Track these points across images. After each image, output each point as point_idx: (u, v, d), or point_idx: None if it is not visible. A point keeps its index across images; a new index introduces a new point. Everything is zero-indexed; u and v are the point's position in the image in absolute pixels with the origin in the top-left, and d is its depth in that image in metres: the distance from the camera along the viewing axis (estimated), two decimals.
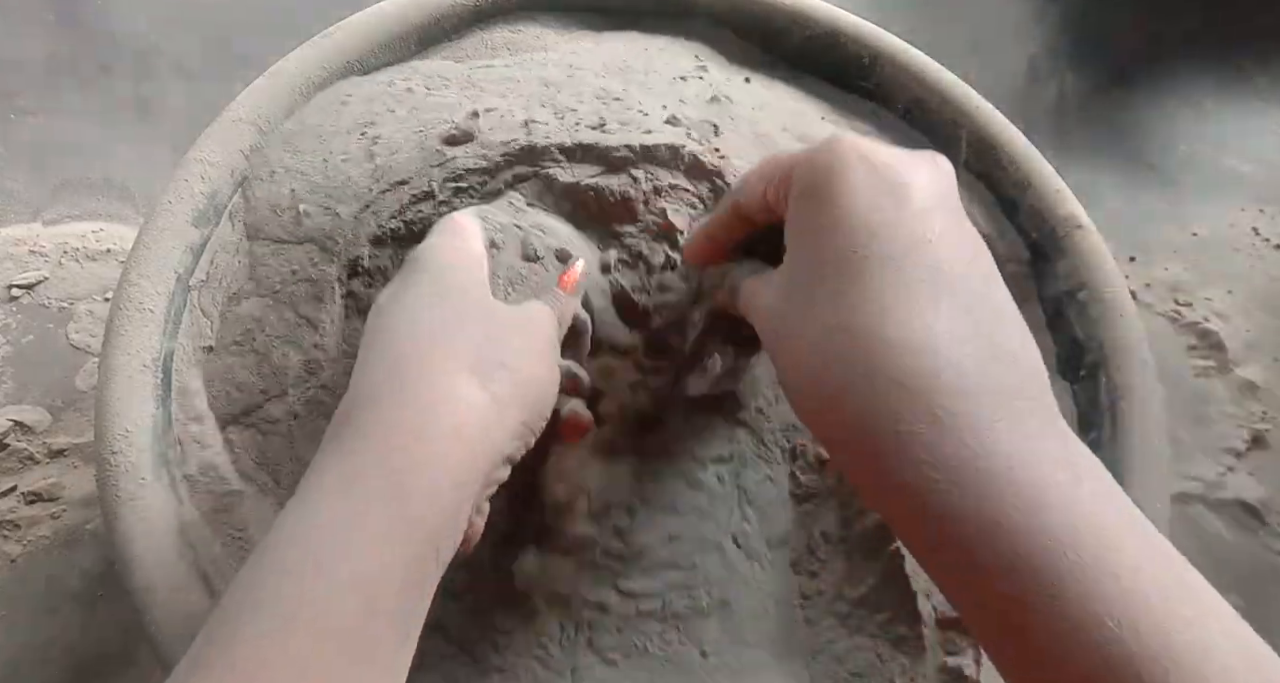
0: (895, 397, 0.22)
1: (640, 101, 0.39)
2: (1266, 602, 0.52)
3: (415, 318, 0.27)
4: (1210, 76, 0.73)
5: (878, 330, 0.23)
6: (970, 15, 0.73)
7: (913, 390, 0.22)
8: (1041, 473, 0.21)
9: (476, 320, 0.28)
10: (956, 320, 0.23)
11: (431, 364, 0.26)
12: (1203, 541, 0.54)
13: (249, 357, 0.36)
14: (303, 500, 0.24)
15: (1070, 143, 0.68)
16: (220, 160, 0.38)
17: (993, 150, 0.45)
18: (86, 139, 0.57)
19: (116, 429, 0.32)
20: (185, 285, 0.36)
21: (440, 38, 0.45)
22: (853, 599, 0.35)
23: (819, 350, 0.24)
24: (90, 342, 0.50)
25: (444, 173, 0.36)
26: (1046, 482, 0.21)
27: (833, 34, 0.46)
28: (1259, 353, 0.60)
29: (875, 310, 0.23)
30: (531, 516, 0.33)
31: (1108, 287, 0.41)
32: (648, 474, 0.34)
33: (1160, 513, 0.37)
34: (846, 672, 0.34)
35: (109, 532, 0.31)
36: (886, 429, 0.22)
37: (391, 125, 0.40)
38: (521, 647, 0.32)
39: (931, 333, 0.22)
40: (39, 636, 0.43)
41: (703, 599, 0.33)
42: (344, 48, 0.42)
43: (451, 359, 0.26)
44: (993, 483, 0.21)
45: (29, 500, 0.46)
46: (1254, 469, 0.56)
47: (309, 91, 0.41)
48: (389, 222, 0.36)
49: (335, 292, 0.36)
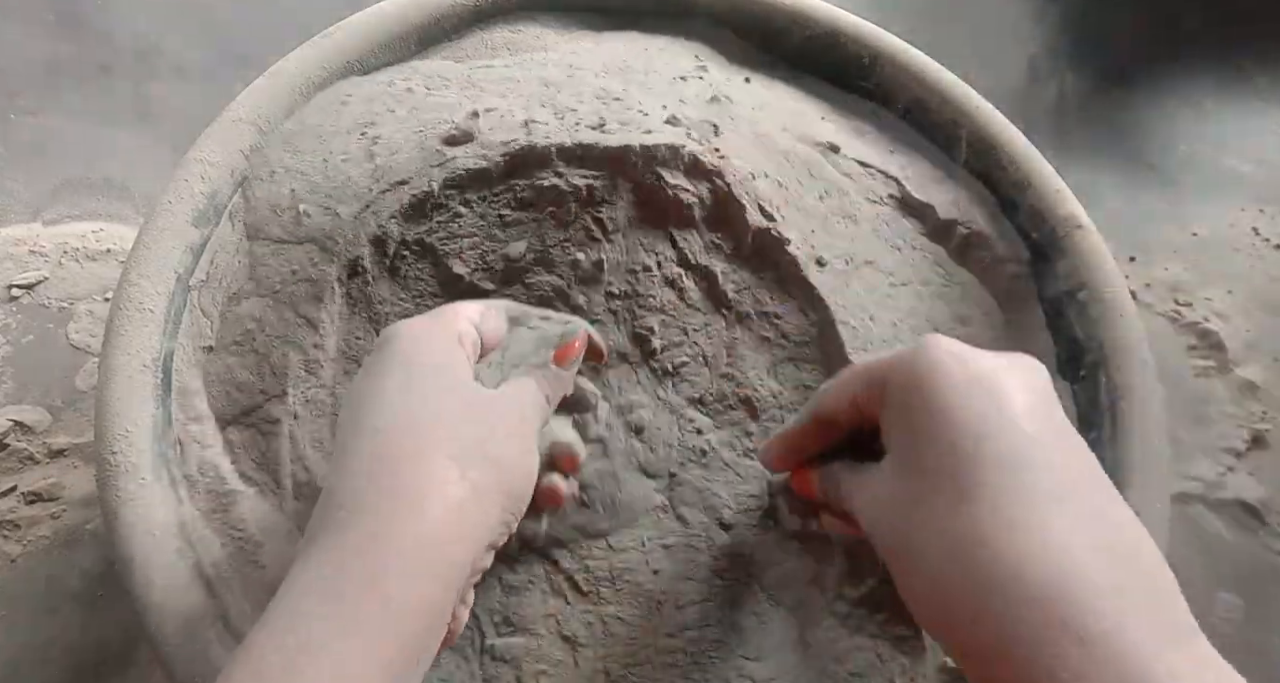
0: (1034, 614, 0.21)
1: (640, 101, 0.39)
2: (1266, 602, 0.52)
3: (390, 406, 0.26)
4: (1210, 76, 0.73)
5: (1006, 541, 0.22)
6: (970, 15, 0.73)
7: (1050, 605, 0.21)
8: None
9: (453, 406, 0.27)
10: (1083, 526, 0.22)
11: (409, 459, 0.25)
12: (1203, 541, 0.54)
13: (249, 357, 0.36)
14: (284, 601, 0.23)
15: (1070, 143, 0.68)
16: (220, 160, 0.38)
17: (993, 150, 0.45)
18: (86, 139, 0.57)
19: (116, 429, 0.32)
20: (185, 285, 0.36)
21: (440, 38, 0.45)
22: (853, 599, 0.35)
23: (946, 565, 0.23)
24: (90, 342, 0.50)
25: (444, 173, 0.36)
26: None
27: (833, 34, 0.46)
28: (1259, 353, 0.60)
29: (1003, 521, 0.22)
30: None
31: (1108, 287, 0.41)
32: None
33: (1160, 513, 0.37)
34: (846, 672, 0.34)
35: (109, 532, 0.31)
36: (1026, 655, 0.21)
37: (391, 125, 0.40)
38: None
39: (1064, 542, 0.22)
40: (39, 636, 0.43)
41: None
42: (344, 48, 0.42)
43: (429, 449, 0.26)
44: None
45: (29, 500, 0.46)
46: (1254, 469, 0.56)
47: (309, 91, 0.41)
48: (389, 222, 0.36)
49: (335, 292, 0.36)
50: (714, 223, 0.37)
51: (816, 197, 0.41)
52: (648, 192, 0.36)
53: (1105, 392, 0.40)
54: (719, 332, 0.37)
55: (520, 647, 0.33)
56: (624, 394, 0.36)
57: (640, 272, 0.36)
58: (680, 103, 0.41)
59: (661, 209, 0.36)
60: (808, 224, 0.39)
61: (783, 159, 0.41)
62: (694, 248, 0.37)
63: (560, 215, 0.36)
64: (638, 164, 0.36)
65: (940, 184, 0.45)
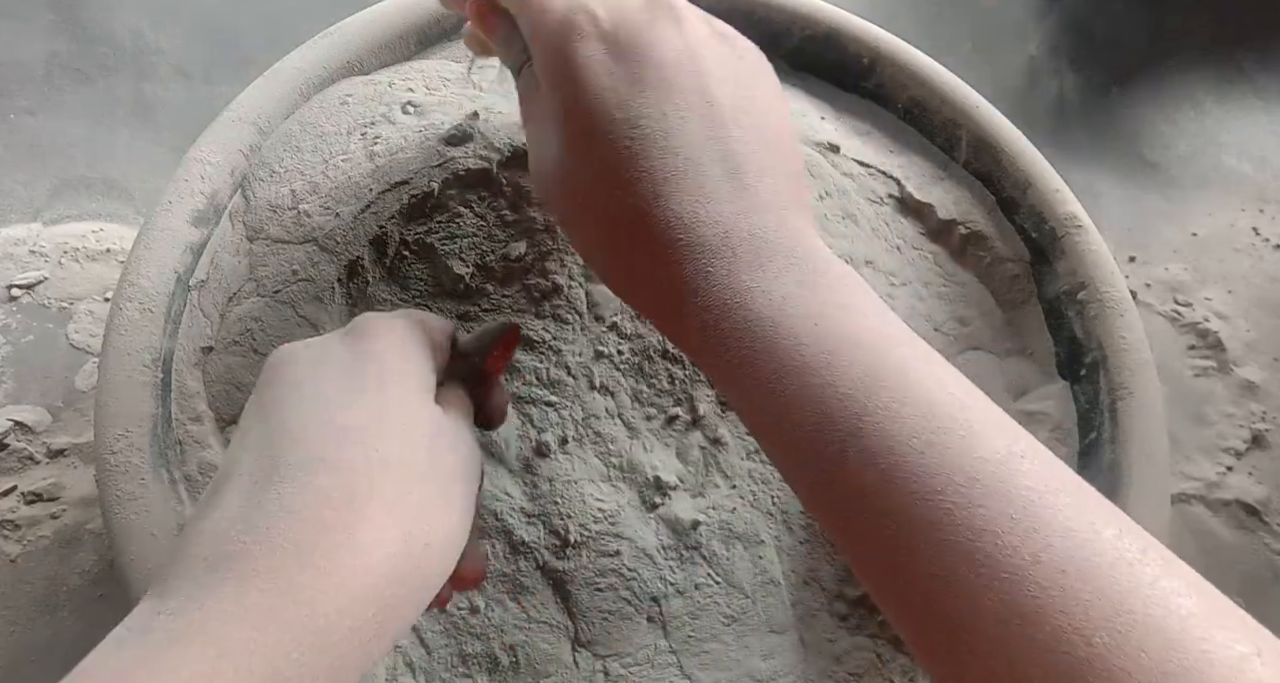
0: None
1: None
2: (1266, 602, 0.52)
3: (320, 416, 0.22)
4: (1210, 76, 0.73)
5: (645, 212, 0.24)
6: (970, 15, 0.73)
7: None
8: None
9: (395, 431, 0.23)
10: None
11: (338, 499, 0.21)
12: (1203, 541, 0.54)
13: (249, 357, 0.36)
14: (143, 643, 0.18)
15: (1070, 143, 0.68)
16: (220, 160, 0.38)
17: (993, 150, 0.45)
18: (86, 139, 0.57)
19: (116, 429, 0.32)
20: (185, 285, 0.36)
21: (440, 38, 0.45)
22: (853, 599, 0.35)
23: (604, 225, 0.25)
24: (90, 342, 0.50)
25: (444, 173, 0.36)
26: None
27: (833, 34, 0.46)
28: (1259, 353, 0.60)
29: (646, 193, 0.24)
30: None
31: (1108, 287, 0.41)
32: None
33: (1160, 513, 0.37)
34: (846, 672, 0.34)
35: (109, 532, 0.31)
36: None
37: (392, 125, 0.40)
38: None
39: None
40: (39, 636, 0.43)
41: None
42: (344, 48, 0.42)
43: (363, 491, 0.21)
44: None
45: (29, 501, 0.46)
46: (1254, 469, 0.56)
47: (309, 91, 0.41)
48: (389, 222, 0.36)
49: (335, 292, 0.36)
50: None
51: (816, 197, 0.41)
52: None
53: (1105, 392, 0.40)
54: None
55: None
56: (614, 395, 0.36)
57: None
58: None
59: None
60: None
61: None
62: None
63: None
64: None
65: (940, 184, 0.45)
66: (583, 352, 0.36)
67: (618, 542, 0.34)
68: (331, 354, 0.24)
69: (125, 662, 0.18)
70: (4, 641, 0.43)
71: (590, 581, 0.33)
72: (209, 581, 0.19)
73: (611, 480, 0.35)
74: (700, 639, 0.33)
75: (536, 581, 0.33)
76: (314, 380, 0.23)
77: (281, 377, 0.24)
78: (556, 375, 0.36)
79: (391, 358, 0.24)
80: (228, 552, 0.20)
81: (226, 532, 0.20)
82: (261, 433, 0.22)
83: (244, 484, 0.21)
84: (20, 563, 0.44)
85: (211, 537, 0.20)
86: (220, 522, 0.20)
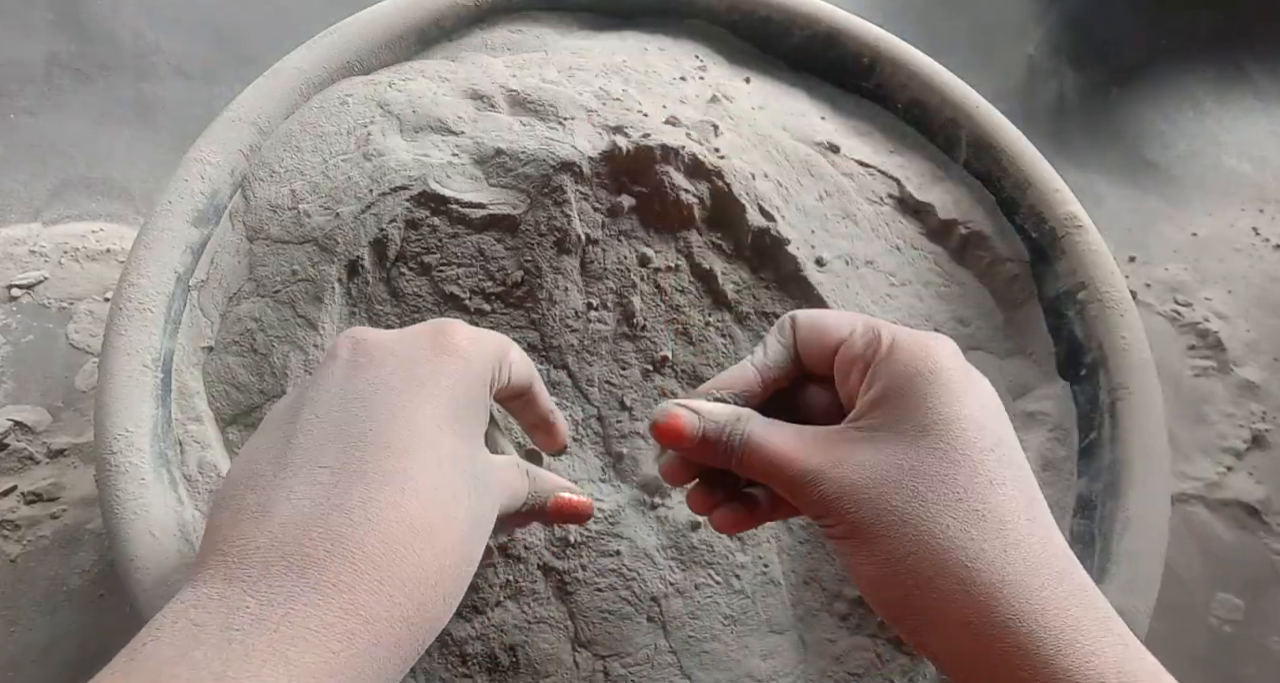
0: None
1: (640, 102, 0.39)
2: (1266, 602, 0.52)
3: (415, 428, 0.23)
4: (1210, 76, 0.73)
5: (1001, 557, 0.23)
6: (970, 15, 0.73)
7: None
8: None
9: (464, 472, 0.23)
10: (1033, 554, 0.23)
11: (421, 526, 0.21)
12: (1203, 541, 0.54)
13: (249, 357, 0.36)
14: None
15: (1070, 143, 0.68)
16: (220, 160, 0.38)
17: (993, 150, 0.45)
18: (86, 139, 0.57)
19: (116, 429, 0.32)
20: (185, 285, 0.36)
21: (440, 38, 0.45)
22: (852, 599, 0.35)
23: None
24: (90, 342, 0.50)
25: (443, 173, 0.36)
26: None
27: (833, 34, 0.46)
28: (1259, 353, 0.60)
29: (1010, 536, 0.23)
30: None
31: (1108, 287, 0.41)
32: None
33: (1160, 513, 0.37)
34: (846, 672, 0.34)
35: (109, 532, 0.31)
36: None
37: (392, 125, 0.40)
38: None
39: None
40: (39, 636, 0.43)
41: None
42: (344, 48, 0.42)
43: (440, 524, 0.22)
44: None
45: (29, 501, 0.46)
46: (1254, 469, 0.56)
47: (309, 91, 0.41)
48: (389, 223, 0.36)
49: (335, 292, 0.36)
50: (714, 223, 0.37)
51: (816, 197, 0.41)
52: (648, 192, 0.36)
53: (1105, 392, 0.40)
54: (718, 331, 0.37)
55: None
56: (618, 395, 0.36)
57: (640, 270, 0.36)
58: (680, 103, 0.41)
59: (662, 209, 0.36)
60: (807, 224, 0.39)
61: (783, 159, 0.41)
62: (694, 248, 0.37)
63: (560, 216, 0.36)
64: (638, 164, 0.36)
65: (940, 184, 0.45)
66: (584, 354, 0.36)
67: (618, 542, 0.34)
68: (420, 367, 0.24)
69: (204, 674, 0.18)
70: (4, 641, 0.43)
71: (590, 581, 0.33)
72: (292, 588, 0.19)
73: (611, 481, 0.35)
74: (700, 639, 0.33)
75: (537, 581, 0.33)
76: (412, 390, 0.23)
77: (371, 373, 0.24)
78: (557, 377, 0.36)
79: (473, 392, 0.25)
80: (309, 556, 0.20)
81: (309, 529, 0.20)
82: (345, 421, 0.22)
83: (324, 478, 0.21)
84: (20, 563, 0.44)
85: (294, 529, 0.20)
86: (301, 512, 0.21)
